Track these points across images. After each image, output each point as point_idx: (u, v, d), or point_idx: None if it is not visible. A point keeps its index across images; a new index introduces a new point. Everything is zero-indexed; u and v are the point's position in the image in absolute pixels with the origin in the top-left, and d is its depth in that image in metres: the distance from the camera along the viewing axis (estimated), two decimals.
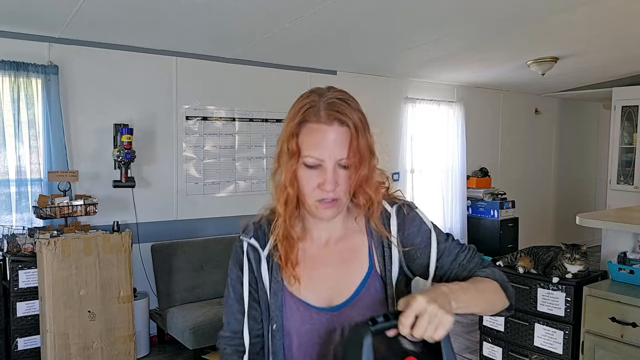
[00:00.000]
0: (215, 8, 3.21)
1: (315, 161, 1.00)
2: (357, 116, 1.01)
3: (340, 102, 1.01)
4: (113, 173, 3.88)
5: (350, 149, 1.00)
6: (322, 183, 1.01)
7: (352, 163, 1.01)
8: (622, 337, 2.37)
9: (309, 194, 1.03)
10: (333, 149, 0.99)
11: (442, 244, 1.11)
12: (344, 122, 0.99)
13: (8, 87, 3.53)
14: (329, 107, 1.00)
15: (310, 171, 1.01)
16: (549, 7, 3.44)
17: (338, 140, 0.99)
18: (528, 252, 2.91)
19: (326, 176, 1.00)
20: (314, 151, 1.00)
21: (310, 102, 1.02)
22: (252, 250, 1.13)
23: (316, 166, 1.01)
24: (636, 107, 5.87)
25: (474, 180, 6.13)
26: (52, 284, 3.18)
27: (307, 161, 1.01)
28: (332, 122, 0.99)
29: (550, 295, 2.68)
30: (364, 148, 1.01)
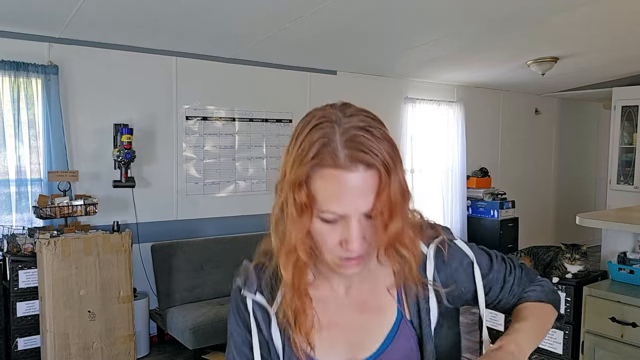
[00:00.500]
0: (215, 8, 3.21)
1: (336, 217, 0.79)
2: (386, 150, 0.77)
3: (363, 133, 0.77)
4: (113, 173, 3.88)
5: (378, 199, 0.77)
6: (346, 241, 0.80)
7: (380, 213, 0.79)
8: (622, 337, 2.37)
9: (329, 250, 0.82)
10: (358, 200, 0.77)
11: (488, 275, 0.96)
12: (372, 164, 0.76)
13: (8, 87, 3.53)
14: (350, 144, 0.76)
15: (330, 226, 0.80)
16: (549, 7, 3.44)
17: (364, 188, 0.77)
18: (528, 252, 2.91)
19: (350, 233, 0.79)
20: (334, 205, 0.77)
21: (324, 137, 0.77)
22: (259, 308, 0.92)
23: (336, 220, 0.79)
24: (636, 107, 5.87)
25: (474, 180, 6.13)
26: (52, 284, 3.18)
27: (325, 217, 0.79)
28: (356, 167, 0.75)
29: None
30: (396, 194, 0.78)
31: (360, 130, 0.77)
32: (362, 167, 0.75)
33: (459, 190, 6.02)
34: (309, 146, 0.78)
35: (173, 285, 3.96)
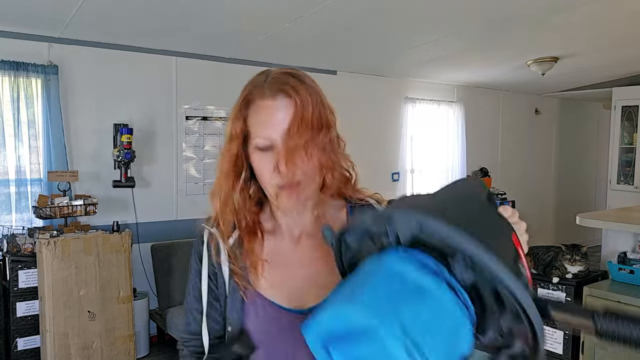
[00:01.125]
0: (215, 8, 3.21)
1: (266, 141, 0.90)
2: (304, 87, 0.91)
3: (285, 75, 0.93)
4: (113, 173, 3.88)
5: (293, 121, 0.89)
6: (277, 165, 0.89)
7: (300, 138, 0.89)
8: None
9: (267, 181, 0.92)
10: (281, 125, 0.89)
11: None
12: (288, 93, 0.90)
13: (8, 87, 3.53)
14: (273, 81, 0.92)
15: (264, 155, 0.91)
16: (549, 7, 3.44)
17: (285, 115, 0.89)
18: (528, 252, 2.90)
19: (279, 157, 0.89)
20: (262, 130, 0.91)
21: (255, 81, 0.95)
22: (212, 240, 1.03)
23: (269, 148, 0.90)
24: (636, 107, 5.87)
25: None
26: (51, 284, 3.18)
27: (258, 143, 0.91)
28: (275, 97, 0.90)
29: (550, 295, 2.68)
30: (308, 118, 0.90)
31: (284, 74, 0.93)
32: (281, 95, 0.90)
33: None
34: (244, 90, 0.95)
35: (173, 285, 3.95)
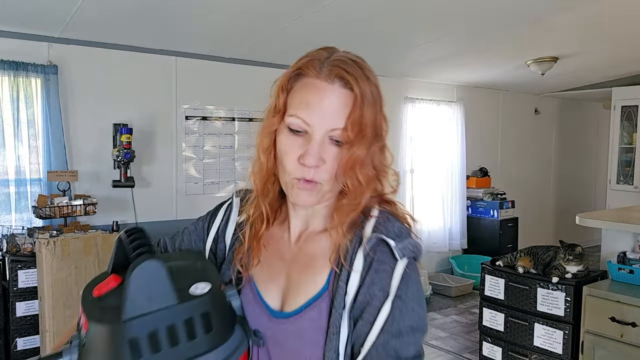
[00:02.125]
0: (214, 8, 3.21)
1: (302, 124, 0.80)
2: (368, 84, 0.81)
3: (352, 63, 0.82)
4: (112, 173, 3.88)
5: (349, 119, 0.79)
6: (304, 155, 0.79)
7: (348, 139, 0.79)
8: (621, 337, 2.37)
9: (287, 168, 0.82)
10: (327, 114, 0.79)
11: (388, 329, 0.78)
12: (349, 83, 0.79)
13: (7, 86, 3.53)
14: (335, 63, 0.81)
15: (294, 138, 0.81)
16: (549, 7, 3.44)
17: (335, 105, 0.79)
18: (528, 252, 2.92)
19: (309, 147, 0.79)
20: (302, 111, 0.80)
21: (315, 55, 0.84)
22: (230, 209, 1.01)
23: (302, 133, 0.80)
24: (636, 107, 5.87)
25: (474, 180, 6.13)
26: (51, 284, 3.18)
27: (291, 123, 0.81)
28: (333, 80, 0.80)
29: (550, 295, 2.68)
30: (368, 123, 0.79)
31: (350, 60, 0.82)
32: (339, 83, 0.80)
33: (458, 190, 6.02)
34: (298, 61, 0.84)
35: None
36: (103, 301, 0.70)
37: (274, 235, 0.93)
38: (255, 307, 0.87)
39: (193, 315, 0.65)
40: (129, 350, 0.62)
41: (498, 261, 3.03)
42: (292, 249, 0.92)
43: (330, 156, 0.80)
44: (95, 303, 0.70)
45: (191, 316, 0.65)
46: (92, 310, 0.68)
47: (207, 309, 0.67)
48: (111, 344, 0.63)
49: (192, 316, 0.65)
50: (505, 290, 2.90)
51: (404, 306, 0.78)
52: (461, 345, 4.01)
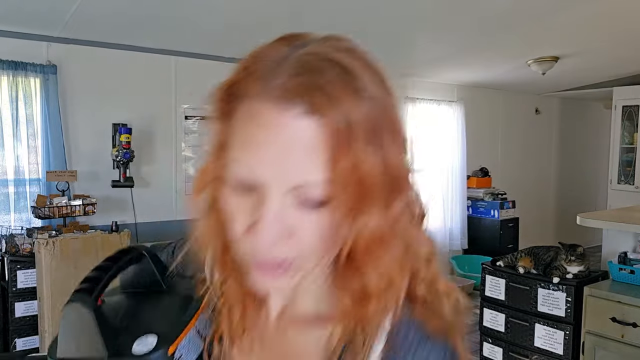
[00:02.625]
0: (214, 7, 3.20)
1: (246, 176, 0.49)
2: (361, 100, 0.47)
3: (328, 64, 0.48)
4: (112, 173, 3.87)
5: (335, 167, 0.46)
6: (254, 225, 0.49)
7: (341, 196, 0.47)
8: (622, 338, 2.36)
9: (235, 239, 0.52)
10: (282, 161, 0.47)
11: None
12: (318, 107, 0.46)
13: (6, 86, 3.52)
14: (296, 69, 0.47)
15: (239, 198, 0.50)
16: (549, 7, 3.43)
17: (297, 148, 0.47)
18: (528, 252, 2.90)
19: (261, 212, 0.48)
20: (243, 153, 0.49)
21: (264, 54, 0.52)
22: None
23: (249, 189, 0.49)
24: (637, 107, 5.86)
25: (474, 180, 6.12)
26: (50, 284, 3.17)
27: (232, 173, 0.50)
28: (289, 101, 0.46)
29: (550, 296, 2.67)
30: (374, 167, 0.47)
31: (325, 61, 0.48)
32: (301, 108, 0.46)
33: (459, 190, 6.01)
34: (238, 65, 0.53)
35: None
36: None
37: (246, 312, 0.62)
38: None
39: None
40: None
41: (499, 261, 3.02)
42: (270, 332, 0.62)
43: (304, 224, 0.49)
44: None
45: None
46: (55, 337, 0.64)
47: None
48: None
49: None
50: (505, 290, 2.89)
51: None
52: None
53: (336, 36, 0.52)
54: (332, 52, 0.49)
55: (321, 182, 0.47)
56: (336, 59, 0.48)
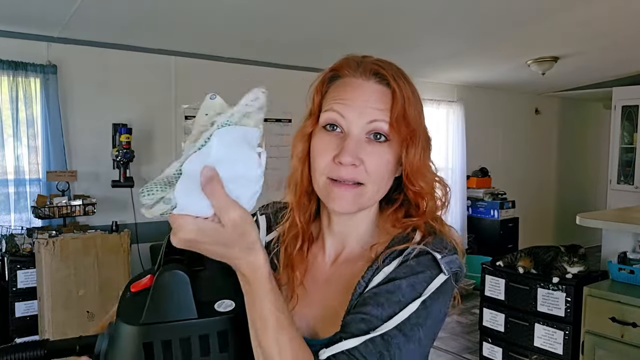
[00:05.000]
0: (214, 7, 3.20)
1: (337, 117, 0.76)
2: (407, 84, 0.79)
3: (389, 63, 0.80)
4: (112, 173, 3.87)
5: (392, 115, 0.75)
6: (339, 153, 0.74)
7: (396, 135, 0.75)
8: (622, 337, 2.36)
9: (319, 167, 0.77)
10: (363, 109, 0.75)
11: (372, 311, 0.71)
12: (386, 78, 0.77)
13: (6, 86, 3.52)
14: (372, 60, 0.80)
15: (328, 138, 0.76)
16: (549, 7, 3.43)
17: (373, 98, 0.76)
18: (528, 252, 2.91)
19: (345, 143, 0.74)
20: (336, 104, 0.76)
21: (350, 57, 0.82)
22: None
23: (337, 132, 0.76)
24: (636, 107, 5.86)
25: (474, 180, 6.12)
26: (50, 284, 3.17)
27: (326, 118, 0.77)
28: (369, 77, 0.77)
29: (550, 296, 2.68)
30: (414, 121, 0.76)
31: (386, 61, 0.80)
32: (375, 79, 0.77)
33: (459, 190, 6.01)
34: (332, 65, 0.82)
35: None
36: (135, 298, 0.70)
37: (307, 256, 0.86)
38: None
39: (209, 332, 0.65)
40: (143, 352, 0.63)
41: (498, 261, 3.03)
42: (326, 271, 0.84)
43: (371, 154, 0.75)
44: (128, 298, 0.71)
45: (207, 333, 0.64)
46: (121, 305, 0.70)
47: (226, 328, 0.66)
48: (128, 342, 0.65)
49: (208, 333, 0.64)
50: (505, 290, 2.89)
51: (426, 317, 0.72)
52: (461, 346, 4.00)
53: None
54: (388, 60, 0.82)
55: (386, 122, 0.76)
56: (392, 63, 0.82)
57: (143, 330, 0.64)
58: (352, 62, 0.79)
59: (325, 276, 0.84)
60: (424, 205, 0.80)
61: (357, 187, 0.76)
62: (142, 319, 0.64)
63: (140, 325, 0.64)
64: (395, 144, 0.77)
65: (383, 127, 0.76)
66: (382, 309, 0.71)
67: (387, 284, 0.73)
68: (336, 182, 0.75)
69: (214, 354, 0.64)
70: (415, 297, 0.72)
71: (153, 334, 0.63)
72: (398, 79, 0.77)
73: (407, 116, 0.76)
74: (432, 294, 0.73)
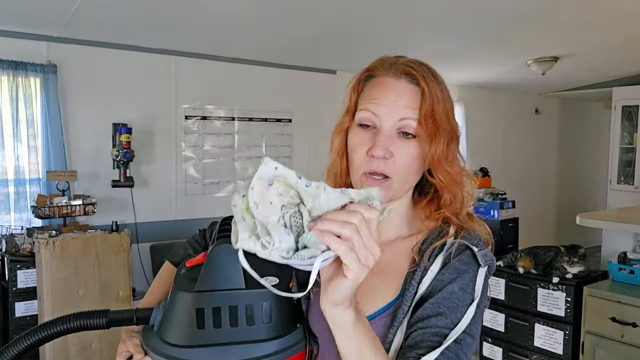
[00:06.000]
0: (214, 7, 3.20)
1: (370, 116, 0.83)
2: (437, 83, 0.84)
3: (420, 63, 0.86)
4: (112, 173, 3.87)
5: (421, 112, 0.81)
6: (372, 147, 0.81)
7: (423, 132, 0.81)
8: (622, 337, 2.36)
9: (356, 163, 0.84)
10: (393, 106, 0.82)
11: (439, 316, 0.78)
12: (416, 78, 0.83)
13: (6, 86, 3.53)
14: (403, 61, 0.85)
15: (363, 134, 0.84)
16: (549, 7, 3.43)
17: (402, 98, 0.82)
18: (528, 252, 2.90)
19: (377, 137, 0.81)
20: (370, 104, 0.83)
21: (385, 58, 0.88)
22: None
23: (371, 128, 0.83)
24: (636, 107, 5.86)
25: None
26: (50, 284, 3.17)
27: (360, 117, 0.84)
28: (400, 76, 0.84)
29: (550, 296, 2.67)
30: (442, 119, 0.82)
31: (418, 62, 0.86)
32: (406, 79, 0.83)
33: None
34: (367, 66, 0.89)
35: None
36: (189, 272, 0.77)
37: None
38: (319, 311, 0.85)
39: (254, 302, 0.70)
40: (195, 318, 0.69)
41: (498, 261, 3.02)
42: None
43: (400, 149, 0.82)
44: (183, 273, 0.77)
45: (252, 303, 0.70)
46: (178, 277, 0.76)
47: (270, 300, 0.71)
48: (182, 308, 0.71)
49: (253, 303, 0.70)
50: (505, 290, 2.89)
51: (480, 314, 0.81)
52: None
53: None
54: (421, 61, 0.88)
55: (414, 120, 0.82)
56: (424, 63, 0.88)
57: (196, 296, 0.70)
58: (385, 63, 0.86)
59: None
60: (447, 197, 0.87)
61: (386, 180, 0.83)
62: (195, 287, 0.70)
63: (194, 292, 0.70)
64: (423, 140, 0.82)
65: (412, 125, 0.82)
66: (446, 317, 0.78)
67: (441, 292, 0.80)
68: (368, 177, 0.83)
69: (258, 323, 0.70)
70: (470, 301, 0.80)
71: (205, 301, 0.69)
72: (428, 79, 0.83)
73: (435, 114, 0.81)
74: (480, 293, 0.81)
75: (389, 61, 0.86)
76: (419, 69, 0.84)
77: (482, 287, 0.82)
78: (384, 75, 0.84)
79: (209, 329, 0.69)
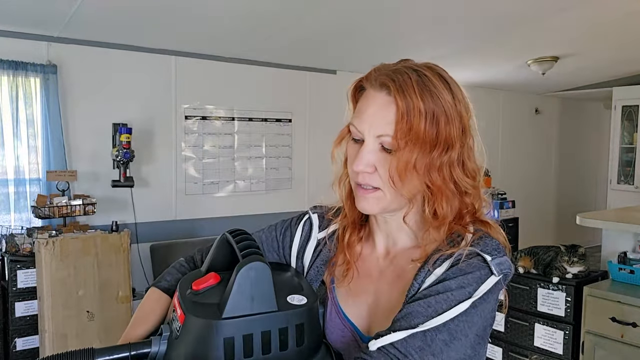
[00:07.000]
0: (214, 7, 3.20)
1: (356, 132, 0.83)
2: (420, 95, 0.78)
3: (407, 71, 0.80)
4: (112, 173, 3.87)
5: (397, 128, 0.77)
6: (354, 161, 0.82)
7: (401, 146, 0.78)
8: (622, 337, 2.36)
9: (350, 174, 0.87)
10: (372, 121, 0.80)
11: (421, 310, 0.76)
12: (390, 91, 0.78)
13: (6, 86, 3.52)
14: (389, 72, 0.81)
15: (354, 146, 0.84)
16: (549, 7, 3.43)
17: (381, 112, 0.79)
18: (528, 252, 2.90)
19: (359, 153, 0.81)
20: (356, 119, 0.83)
21: (381, 66, 0.85)
22: (308, 224, 0.99)
23: (360, 142, 0.83)
24: (636, 106, 5.86)
25: None
26: (50, 284, 3.17)
27: (352, 131, 0.84)
28: (380, 89, 0.80)
29: (550, 296, 2.67)
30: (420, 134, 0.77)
31: (409, 70, 0.80)
32: (384, 90, 0.80)
33: None
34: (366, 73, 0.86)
35: None
36: (201, 296, 0.69)
37: (360, 252, 0.94)
38: (337, 325, 0.87)
39: (288, 325, 0.65)
40: (223, 349, 0.62)
41: None
42: (379, 265, 0.91)
43: (382, 164, 0.81)
44: (193, 297, 0.69)
45: (286, 326, 0.65)
46: (190, 304, 0.67)
47: (303, 321, 0.66)
48: (207, 339, 0.62)
49: (287, 326, 0.65)
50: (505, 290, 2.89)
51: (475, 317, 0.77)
52: None
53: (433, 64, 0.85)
54: (417, 65, 0.82)
55: (390, 136, 0.79)
56: (417, 68, 0.81)
57: (225, 325, 0.62)
58: (372, 72, 0.83)
59: (379, 269, 0.91)
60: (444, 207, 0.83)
61: (376, 191, 0.83)
62: (223, 314, 0.62)
63: (222, 319, 0.62)
64: (407, 151, 0.79)
65: (387, 141, 0.80)
66: (429, 306, 0.76)
67: (436, 285, 0.78)
68: (359, 186, 0.84)
69: (291, 348, 0.64)
70: (465, 297, 0.76)
71: (235, 329, 0.62)
72: (406, 91, 0.78)
73: (414, 129, 0.77)
74: (483, 295, 0.77)
75: (376, 69, 0.84)
76: (398, 79, 0.79)
77: (487, 292, 0.77)
78: (369, 87, 0.83)
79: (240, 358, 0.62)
